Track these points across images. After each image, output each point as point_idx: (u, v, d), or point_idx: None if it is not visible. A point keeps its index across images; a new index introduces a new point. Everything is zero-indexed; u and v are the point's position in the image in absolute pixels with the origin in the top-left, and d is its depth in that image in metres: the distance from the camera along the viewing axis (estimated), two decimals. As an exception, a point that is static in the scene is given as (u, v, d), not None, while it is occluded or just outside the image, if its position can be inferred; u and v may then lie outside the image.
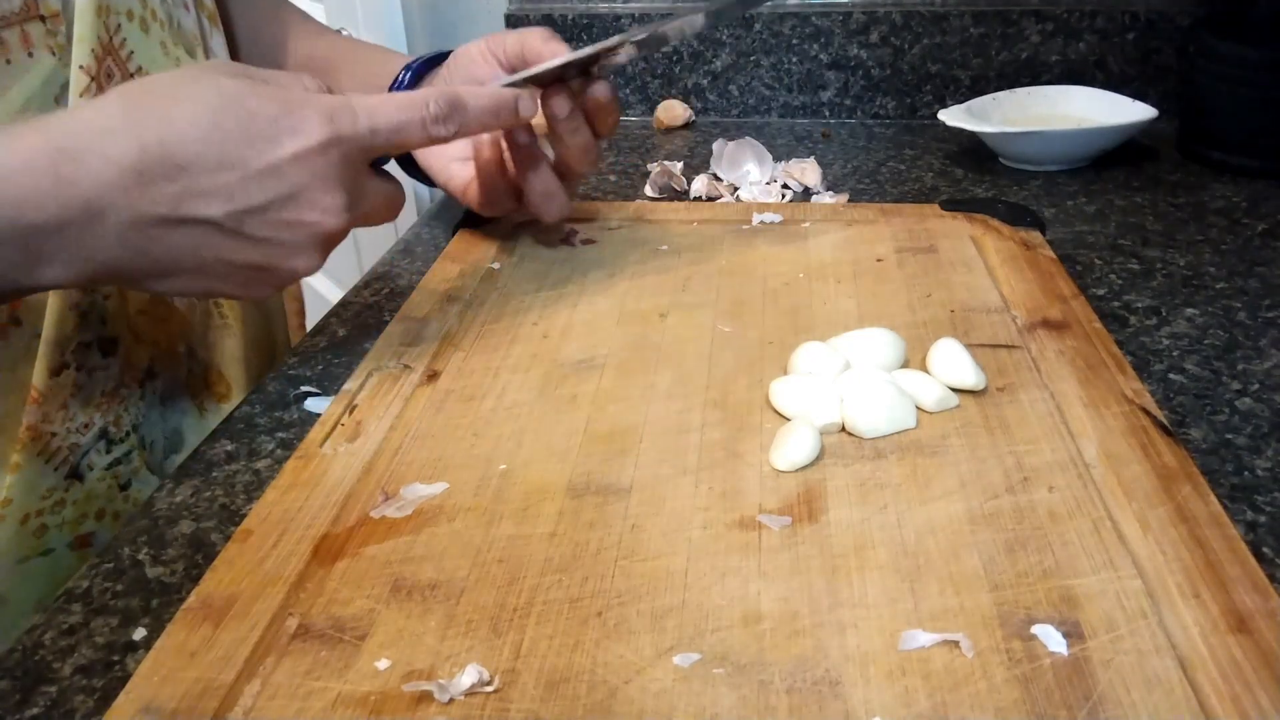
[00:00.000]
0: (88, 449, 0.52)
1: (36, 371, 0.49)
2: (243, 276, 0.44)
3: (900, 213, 0.68)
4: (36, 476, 0.50)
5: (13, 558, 0.49)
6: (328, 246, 0.45)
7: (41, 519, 0.50)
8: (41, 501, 0.50)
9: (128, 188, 0.39)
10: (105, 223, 0.40)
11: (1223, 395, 0.51)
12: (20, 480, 0.49)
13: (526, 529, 0.40)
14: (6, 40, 0.47)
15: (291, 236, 0.43)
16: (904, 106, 1.00)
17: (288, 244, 0.43)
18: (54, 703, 0.34)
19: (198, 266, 0.43)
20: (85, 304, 0.51)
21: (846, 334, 0.51)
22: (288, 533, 0.40)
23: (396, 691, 0.32)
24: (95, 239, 0.40)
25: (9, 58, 0.47)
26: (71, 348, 0.50)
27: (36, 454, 0.49)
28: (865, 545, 0.38)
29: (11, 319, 0.49)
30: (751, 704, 0.31)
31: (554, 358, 0.52)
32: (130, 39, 0.52)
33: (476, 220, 0.69)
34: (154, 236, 0.40)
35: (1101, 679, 0.32)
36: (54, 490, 0.51)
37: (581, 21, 1.01)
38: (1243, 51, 0.80)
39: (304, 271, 0.45)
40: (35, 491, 0.50)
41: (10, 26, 0.46)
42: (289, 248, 0.44)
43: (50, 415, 0.50)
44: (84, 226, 0.39)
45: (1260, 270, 0.65)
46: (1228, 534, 0.38)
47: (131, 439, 0.54)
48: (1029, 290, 0.57)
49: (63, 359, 0.50)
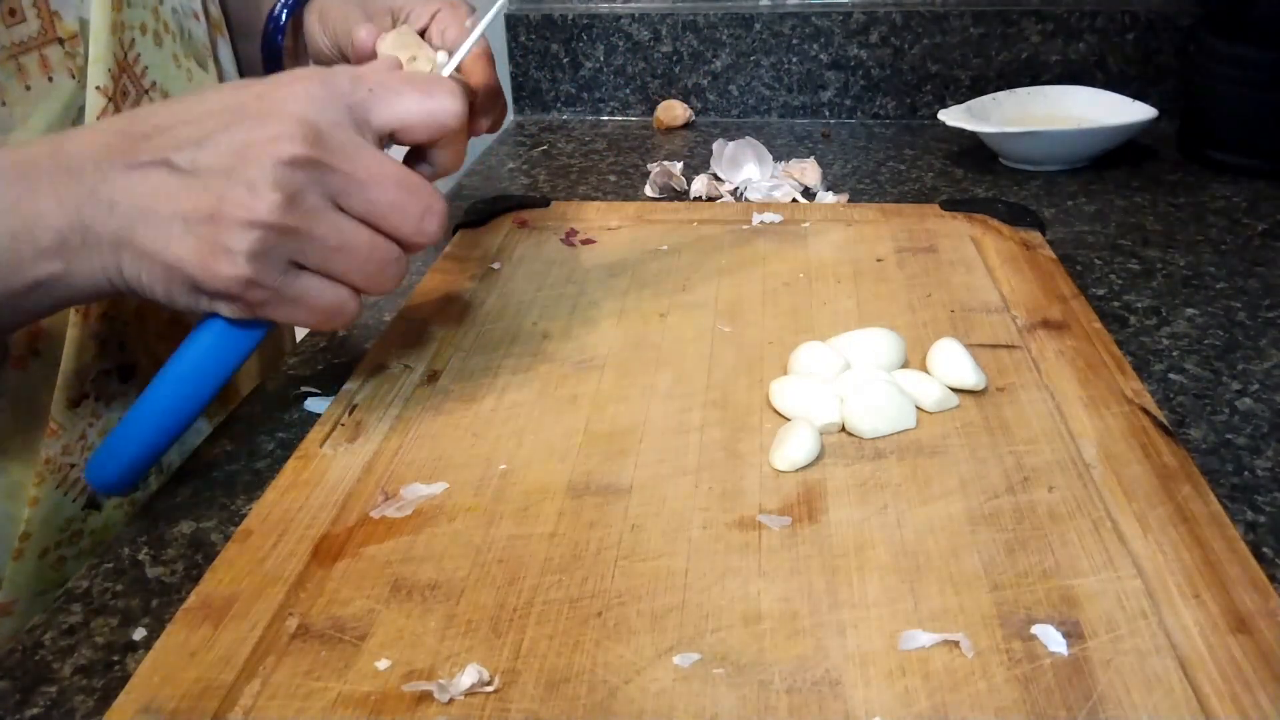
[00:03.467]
0: None
1: (55, 404, 0.48)
2: (197, 233, 0.39)
3: (900, 213, 0.68)
4: (55, 509, 0.49)
5: (32, 590, 0.49)
6: (285, 183, 0.39)
7: (60, 551, 0.50)
8: (60, 534, 0.50)
9: (108, 145, 0.40)
10: (81, 179, 0.39)
11: (1223, 395, 0.51)
12: (39, 514, 0.48)
13: (526, 529, 0.40)
14: (25, 66, 0.46)
15: (242, 168, 0.39)
16: (904, 106, 1.00)
17: (237, 177, 0.39)
18: (54, 703, 0.34)
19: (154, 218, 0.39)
20: (105, 331, 0.50)
21: (846, 334, 0.51)
22: (288, 533, 0.40)
23: (396, 691, 0.32)
24: (71, 198, 0.39)
25: (28, 83, 0.46)
26: (91, 377, 0.50)
27: (55, 486, 0.49)
28: (865, 545, 0.38)
29: (30, 350, 0.48)
30: (751, 704, 0.31)
31: (554, 358, 0.52)
32: (144, 54, 0.51)
33: (476, 220, 0.69)
34: (119, 186, 0.39)
35: (1101, 679, 0.32)
36: (72, 521, 0.50)
37: (581, 21, 1.01)
38: (1243, 51, 0.80)
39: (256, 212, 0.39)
40: (54, 524, 0.49)
41: (29, 51, 0.46)
42: (238, 181, 0.39)
43: (70, 447, 0.49)
44: (64, 185, 0.39)
45: (1260, 270, 0.65)
46: (1228, 534, 0.38)
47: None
48: (1029, 290, 0.57)
49: (82, 389, 0.49)
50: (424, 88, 0.43)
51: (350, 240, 0.41)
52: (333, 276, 0.42)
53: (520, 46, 1.03)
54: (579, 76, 1.04)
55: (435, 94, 0.43)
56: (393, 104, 0.42)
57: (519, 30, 1.03)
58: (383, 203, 0.41)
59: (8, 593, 0.48)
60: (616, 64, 1.02)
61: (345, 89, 0.41)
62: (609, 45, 1.02)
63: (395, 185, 0.41)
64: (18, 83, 0.46)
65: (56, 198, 0.39)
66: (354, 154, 0.41)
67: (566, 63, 1.03)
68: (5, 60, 0.45)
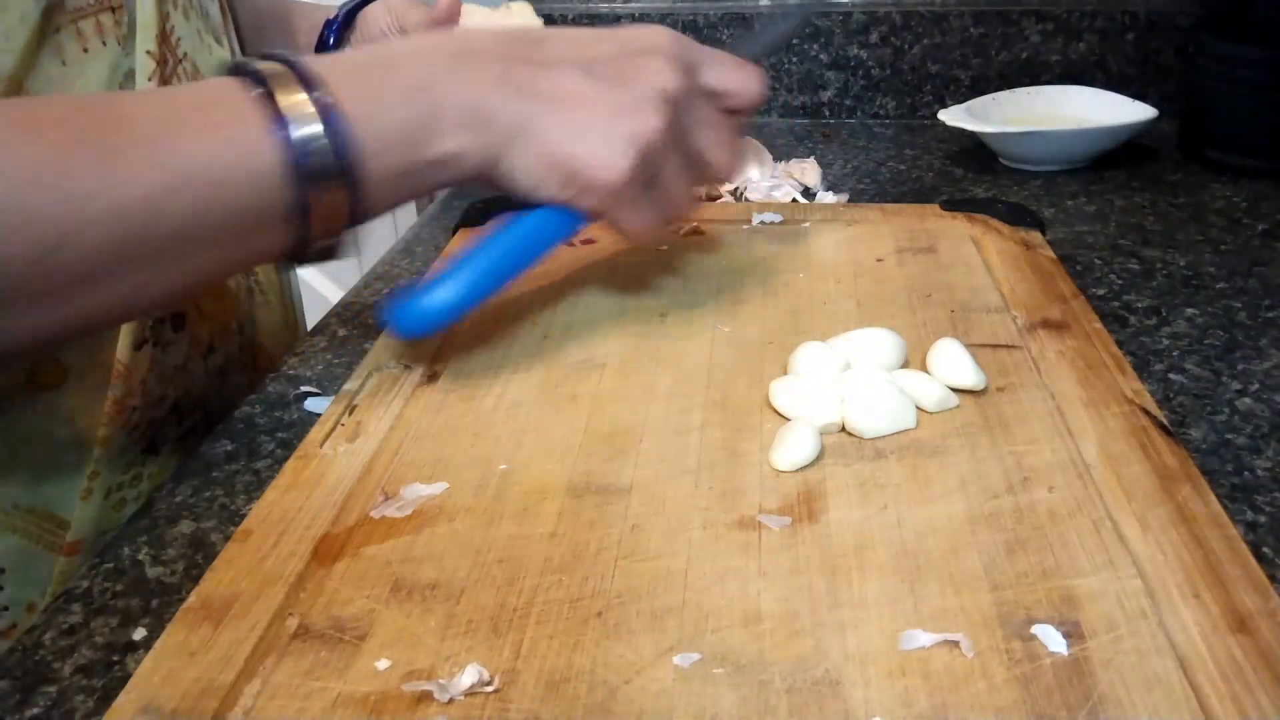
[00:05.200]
0: (161, 422, 0.54)
1: (120, 346, 0.51)
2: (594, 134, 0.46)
3: (900, 213, 0.68)
4: (120, 451, 0.52)
5: (96, 530, 0.51)
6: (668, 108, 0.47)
7: (121, 492, 0.52)
8: (122, 475, 0.52)
9: (499, 41, 0.47)
10: (487, 65, 0.46)
11: (1223, 395, 0.51)
12: (106, 454, 0.51)
13: (526, 529, 0.40)
14: (83, 30, 0.49)
15: (638, 86, 0.47)
16: (904, 106, 1.00)
17: (635, 92, 0.47)
18: (54, 703, 0.34)
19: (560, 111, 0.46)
20: None
21: (846, 334, 0.51)
22: (288, 533, 0.40)
23: (396, 691, 0.32)
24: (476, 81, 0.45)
25: (86, 46, 0.49)
26: (149, 323, 0.53)
27: (120, 427, 0.51)
28: (865, 545, 0.38)
29: None
30: (751, 704, 0.31)
31: (554, 358, 0.52)
32: (178, 26, 0.54)
33: (476, 220, 0.69)
34: (525, 77, 0.46)
35: (1101, 679, 0.32)
36: (133, 464, 0.53)
37: (581, 21, 1.01)
38: (1243, 51, 0.80)
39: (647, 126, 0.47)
40: (118, 465, 0.52)
41: (86, 17, 0.49)
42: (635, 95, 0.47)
43: (132, 389, 0.52)
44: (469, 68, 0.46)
45: (1260, 270, 0.65)
46: (1228, 534, 0.38)
47: (198, 412, 0.57)
48: (1029, 290, 0.57)
49: (142, 334, 0.52)
50: (740, 66, 0.51)
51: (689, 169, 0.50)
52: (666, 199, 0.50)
53: (520, 46, 1.03)
54: (579, 76, 1.04)
55: (750, 74, 0.51)
56: (719, 71, 0.50)
57: (519, 30, 1.03)
58: (714, 140, 0.51)
59: (75, 533, 0.50)
60: (616, 64, 1.02)
61: (690, 49, 0.50)
62: (609, 45, 1.02)
63: (722, 126, 0.51)
64: (76, 45, 0.48)
65: (461, 80, 0.45)
66: (699, 99, 0.50)
67: (566, 63, 1.03)
68: (68, 24, 0.48)
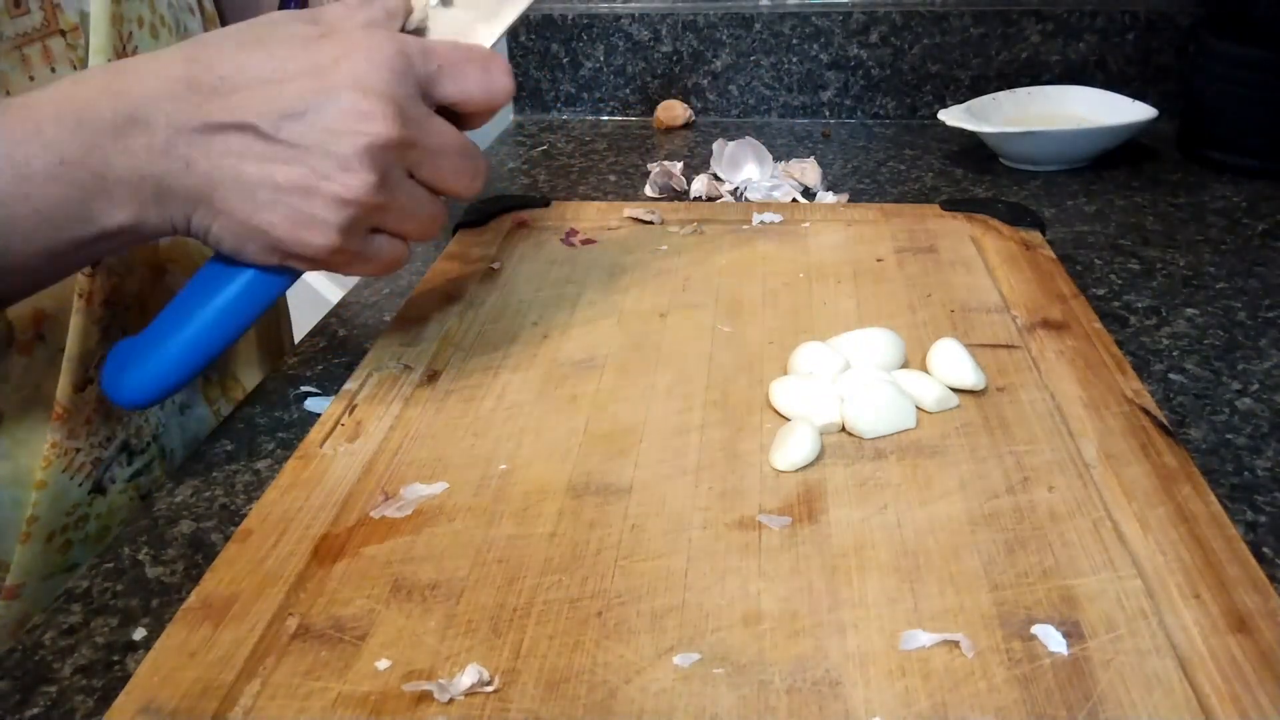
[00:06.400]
0: (110, 462, 0.52)
1: (60, 388, 0.49)
2: (287, 203, 0.42)
3: (900, 213, 0.68)
4: (62, 493, 0.50)
5: (39, 575, 0.49)
6: (378, 163, 0.42)
7: (66, 535, 0.50)
8: (66, 517, 0.50)
9: (175, 95, 0.41)
10: (153, 132, 0.41)
11: (1223, 395, 0.51)
12: (46, 497, 0.49)
13: (526, 529, 0.40)
14: (29, 57, 0.47)
15: (336, 146, 0.41)
16: (904, 106, 1.00)
17: (332, 154, 0.41)
18: (54, 703, 0.34)
19: (240, 184, 0.42)
20: (108, 318, 0.50)
21: (846, 334, 0.51)
22: (288, 533, 0.40)
23: (396, 691, 0.32)
24: (143, 150, 0.41)
25: (32, 74, 0.47)
26: (95, 362, 0.50)
27: (62, 470, 0.49)
28: (865, 545, 0.38)
29: (35, 335, 0.49)
30: (751, 704, 0.31)
31: (554, 358, 0.52)
32: (141, 46, 0.52)
33: (476, 220, 0.69)
34: (197, 145, 0.41)
35: (1101, 679, 0.32)
36: (78, 505, 0.51)
37: (582, 21, 1.01)
38: (1243, 51, 0.80)
39: (353, 191, 0.42)
40: (60, 507, 0.50)
41: (32, 43, 0.47)
42: (333, 159, 0.41)
43: (75, 430, 0.50)
44: (133, 137, 0.41)
45: (1260, 270, 0.65)
46: (1228, 534, 0.38)
47: (152, 449, 0.55)
48: (1029, 290, 0.57)
49: (86, 374, 0.50)
50: (484, 65, 0.46)
51: (421, 204, 0.45)
52: (398, 235, 0.46)
53: (520, 46, 1.04)
54: (579, 76, 1.04)
55: (494, 72, 0.46)
56: (459, 81, 0.45)
57: (519, 30, 1.03)
58: (448, 169, 0.46)
59: (15, 576, 0.49)
60: (616, 64, 1.02)
61: (418, 62, 0.44)
62: (609, 45, 1.02)
63: (458, 153, 0.46)
64: (22, 73, 0.46)
65: (126, 150, 0.40)
66: (427, 126, 0.44)
67: (566, 63, 1.03)
68: (10, 51, 0.46)
